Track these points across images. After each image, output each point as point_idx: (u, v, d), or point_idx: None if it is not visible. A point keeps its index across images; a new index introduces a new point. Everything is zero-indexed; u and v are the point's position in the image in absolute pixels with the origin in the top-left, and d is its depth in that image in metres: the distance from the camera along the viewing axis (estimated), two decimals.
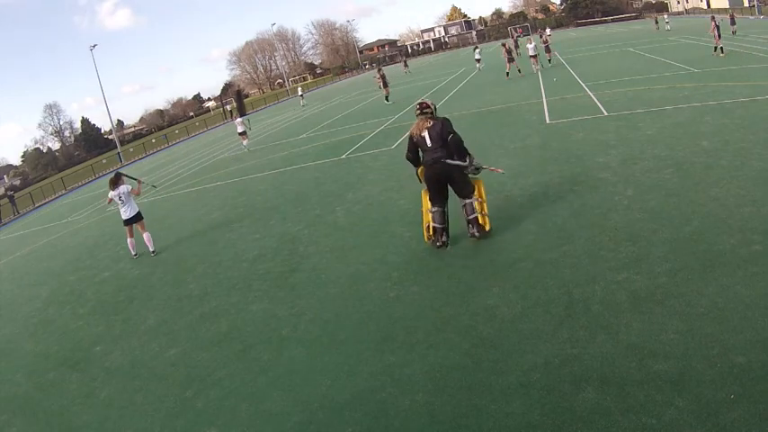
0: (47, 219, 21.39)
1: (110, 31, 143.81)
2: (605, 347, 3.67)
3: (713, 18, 20.75)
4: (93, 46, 44.00)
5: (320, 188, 10.93)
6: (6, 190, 43.12)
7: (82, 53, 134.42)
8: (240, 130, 21.22)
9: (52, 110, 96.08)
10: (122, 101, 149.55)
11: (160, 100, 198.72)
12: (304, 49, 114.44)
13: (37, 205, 30.70)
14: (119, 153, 44.74)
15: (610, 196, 6.53)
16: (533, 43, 24.70)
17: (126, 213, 9.16)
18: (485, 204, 6.06)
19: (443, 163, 5.68)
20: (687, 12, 69.27)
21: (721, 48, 19.22)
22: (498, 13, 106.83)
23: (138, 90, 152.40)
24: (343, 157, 13.89)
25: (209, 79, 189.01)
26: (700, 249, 4.72)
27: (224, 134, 36.76)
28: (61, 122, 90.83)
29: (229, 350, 5.04)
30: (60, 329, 6.95)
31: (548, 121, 12.16)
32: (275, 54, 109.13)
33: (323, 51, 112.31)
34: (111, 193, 9.23)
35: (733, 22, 28.18)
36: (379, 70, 29.07)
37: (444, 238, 6.03)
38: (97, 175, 37.62)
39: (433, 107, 5.85)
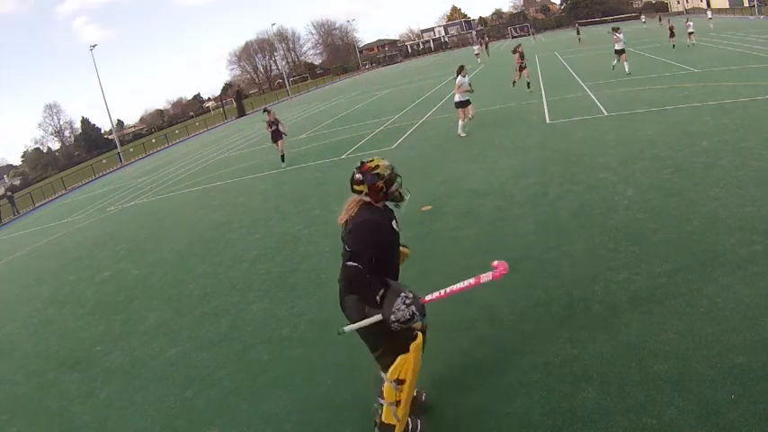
0: (47, 219, 21.39)
1: (110, 30, 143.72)
2: (605, 347, 3.67)
3: (669, 21, 26.11)
4: (94, 46, 44.00)
5: (320, 188, 10.93)
6: (6, 190, 43.12)
7: (82, 53, 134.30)
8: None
9: (52, 110, 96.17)
10: (122, 101, 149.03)
11: (160, 100, 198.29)
12: (304, 49, 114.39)
13: (37, 205, 30.71)
14: (119, 153, 44.71)
15: (610, 196, 6.53)
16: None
17: None
18: (403, 395, 3.04)
19: (341, 292, 3.13)
20: (687, 12, 69.22)
21: (673, 44, 23.62)
22: (498, 14, 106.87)
23: (137, 90, 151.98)
24: (344, 157, 13.89)
25: (209, 79, 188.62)
26: (700, 249, 4.72)
27: (224, 134, 36.76)
28: (61, 122, 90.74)
29: (229, 350, 5.04)
30: (60, 329, 6.96)
31: (548, 121, 12.16)
32: (275, 54, 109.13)
33: (323, 51, 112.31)
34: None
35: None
36: (268, 113, 15.39)
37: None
38: (97, 175, 37.60)
39: (370, 177, 3.12)
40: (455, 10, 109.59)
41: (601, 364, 3.50)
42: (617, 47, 18.13)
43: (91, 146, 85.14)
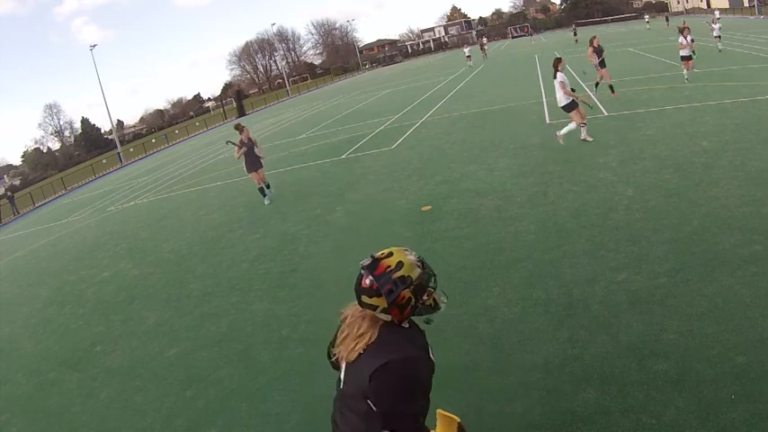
0: (47, 219, 21.39)
1: (110, 30, 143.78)
2: (605, 347, 3.67)
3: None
4: (94, 46, 44.08)
5: (320, 188, 10.93)
6: (6, 190, 43.12)
7: (82, 53, 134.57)
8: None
9: (52, 110, 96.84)
10: (122, 101, 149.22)
11: (160, 100, 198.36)
12: (304, 49, 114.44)
13: (37, 205, 30.71)
14: (119, 153, 44.72)
15: (610, 196, 6.53)
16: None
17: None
18: None
19: None
20: (687, 12, 69.24)
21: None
22: (498, 14, 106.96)
23: (138, 90, 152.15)
24: (343, 157, 13.88)
25: (209, 79, 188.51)
26: (700, 249, 4.73)
27: (224, 134, 36.75)
28: (61, 122, 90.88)
29: (229, 350, 5.04)
30: (60, 329, 6.95)
31: (548, 121, 12.15)
32: (275, 54, 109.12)
33: (323, 51, 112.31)
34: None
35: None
36: (241, 130, 11.04)
37: None
38: (97, 175, 37.61)
39: (392, 286, 1.95)
40: (455, 10, 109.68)
41: (601, 364, 3.50)
42: (682, 53, 14.54)
43: (91, 146, 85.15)
